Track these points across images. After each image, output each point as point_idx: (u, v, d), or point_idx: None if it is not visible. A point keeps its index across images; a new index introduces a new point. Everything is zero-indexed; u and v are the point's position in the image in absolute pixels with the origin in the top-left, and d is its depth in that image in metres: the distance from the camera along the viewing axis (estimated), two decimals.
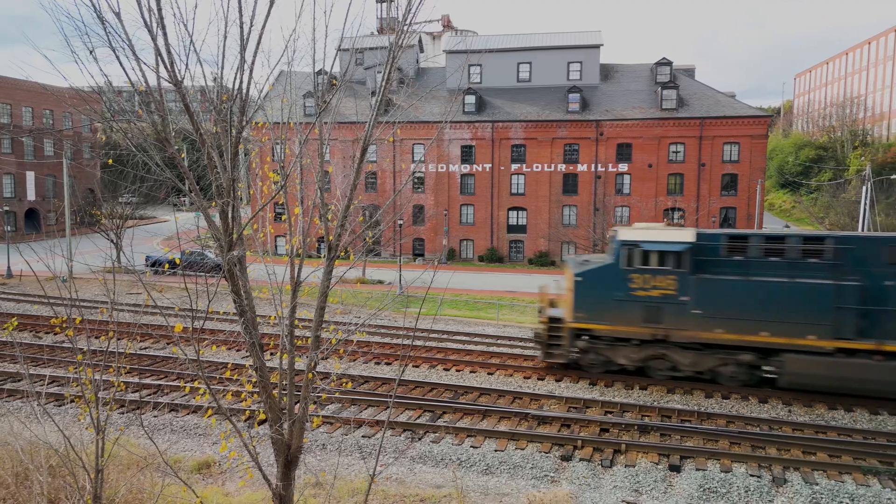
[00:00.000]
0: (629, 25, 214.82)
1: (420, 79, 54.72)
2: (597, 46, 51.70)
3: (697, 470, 13.53)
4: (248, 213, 8.48)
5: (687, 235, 18.33)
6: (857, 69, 77.08)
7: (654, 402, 17.87)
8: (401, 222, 46.86)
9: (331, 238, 8.79)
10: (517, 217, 51.40)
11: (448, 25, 79.00)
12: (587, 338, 19.38)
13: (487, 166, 50.92)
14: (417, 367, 21.14)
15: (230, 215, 7.35)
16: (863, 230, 36.10)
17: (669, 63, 50.75)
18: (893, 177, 40.86)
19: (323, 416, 15.78)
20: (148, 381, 18.91)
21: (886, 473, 13.18)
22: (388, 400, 17.01)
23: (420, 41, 61.68)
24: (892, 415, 16.85)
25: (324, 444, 14.84)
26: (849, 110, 73.03)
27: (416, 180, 52.34)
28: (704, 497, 12.62)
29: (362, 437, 15.31)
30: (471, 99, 50.64)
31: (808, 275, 17.30)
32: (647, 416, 16.65)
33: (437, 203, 52.01)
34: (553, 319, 19.88)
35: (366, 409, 17.06)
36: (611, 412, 16.92)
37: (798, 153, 75.54)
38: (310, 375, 8.17)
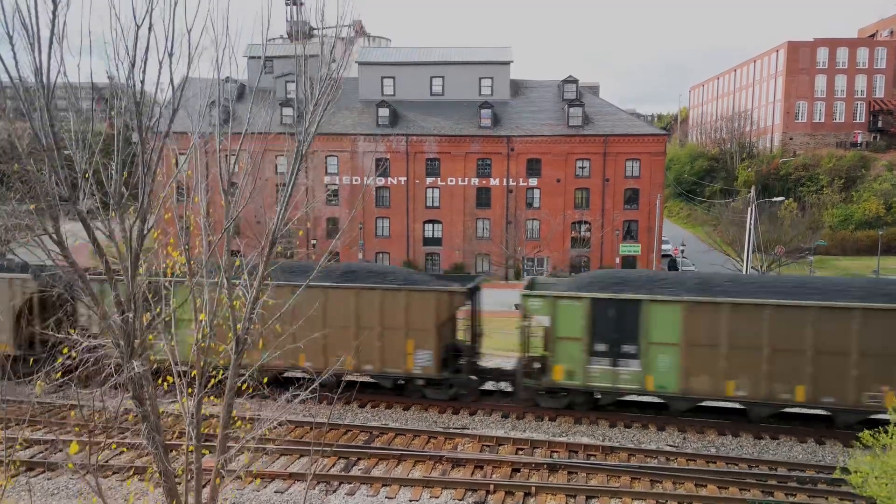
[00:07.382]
0: (535, 40, 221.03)
1: None
2: (507, 63, 52.97)
3: None
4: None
5: None
6: (745, 85, 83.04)
7: (562, 433, 18.67)
8: (314, 242, 46.21)
9: (238, 329, 8.61)
10: (433, 230, 51.88)
11: (360, 31, 78.29)
12: None
13: (403, 179, 51.06)
14: (330, 403, 20.94)
15: (132, 335, 7.09)
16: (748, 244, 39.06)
17: (575, 81, 52.74)
18: (776, 199, 44.61)
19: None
20: None
21: None
22: (304, 449, 16.87)
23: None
24: (773, 439, 18.43)
25: None
26: (737, 124, 78.62)
27: (330, 193, 51.68)
28: None
29: (274, 492, 15.08)
30: (384, 112, 50.57)
31: None
32: (556, 451, 17.37)
33: (352, 216, 51.59)
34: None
35: (278, 458, 16.80)
36: (522, 449, 17.53)
37: (693, 164, 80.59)
38: (217, 481, 8.04)
